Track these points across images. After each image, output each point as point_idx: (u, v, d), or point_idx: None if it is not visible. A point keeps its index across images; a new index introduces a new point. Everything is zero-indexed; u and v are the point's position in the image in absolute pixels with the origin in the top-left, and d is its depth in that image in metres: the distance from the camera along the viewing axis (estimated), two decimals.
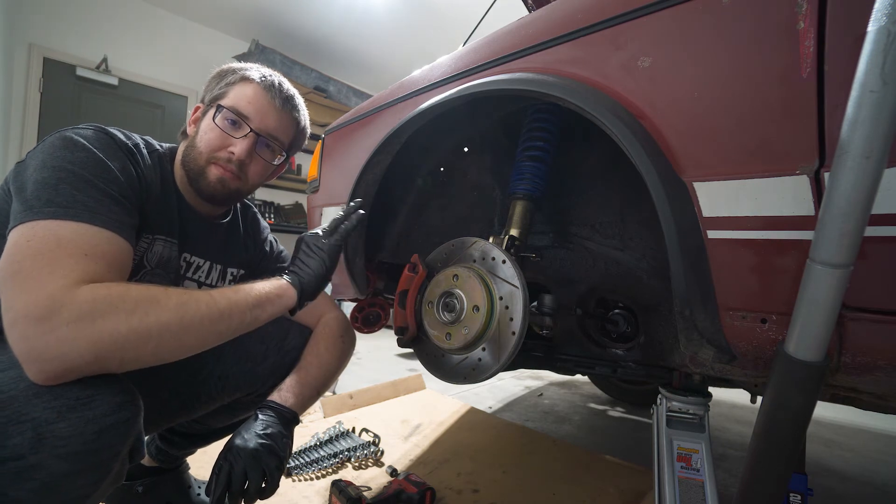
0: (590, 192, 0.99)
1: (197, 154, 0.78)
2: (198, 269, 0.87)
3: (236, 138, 0.78)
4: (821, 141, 0.46)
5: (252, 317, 0.66)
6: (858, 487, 1.42)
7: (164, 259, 0.79)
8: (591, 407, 2.13)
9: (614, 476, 1.28)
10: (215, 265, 0.90)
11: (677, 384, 0.82)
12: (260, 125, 0.79)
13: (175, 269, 0.82)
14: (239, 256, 0.95)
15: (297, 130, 0.88)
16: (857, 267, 0.41)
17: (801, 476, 0.75)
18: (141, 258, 0.76)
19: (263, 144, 0.82)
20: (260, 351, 0.88)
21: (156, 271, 0.78)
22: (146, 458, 0.99)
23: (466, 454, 1.39)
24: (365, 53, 4.51)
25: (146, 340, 0.53)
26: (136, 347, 0.53)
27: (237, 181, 0.81)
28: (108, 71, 3.49)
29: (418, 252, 0.90)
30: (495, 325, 0.74)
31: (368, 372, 2.60)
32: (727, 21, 0.52)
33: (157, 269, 0.78)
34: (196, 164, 0.79)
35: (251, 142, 0.79)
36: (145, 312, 0.53)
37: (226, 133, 0.78)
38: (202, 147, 0.78)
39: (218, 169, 0.78)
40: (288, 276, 0.76)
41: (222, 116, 0.78)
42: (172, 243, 0.80)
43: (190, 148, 0.80)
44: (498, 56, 0.79)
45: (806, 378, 0.45)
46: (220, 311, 0.61)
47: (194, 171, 0.79)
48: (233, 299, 0.64)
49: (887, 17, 0.37)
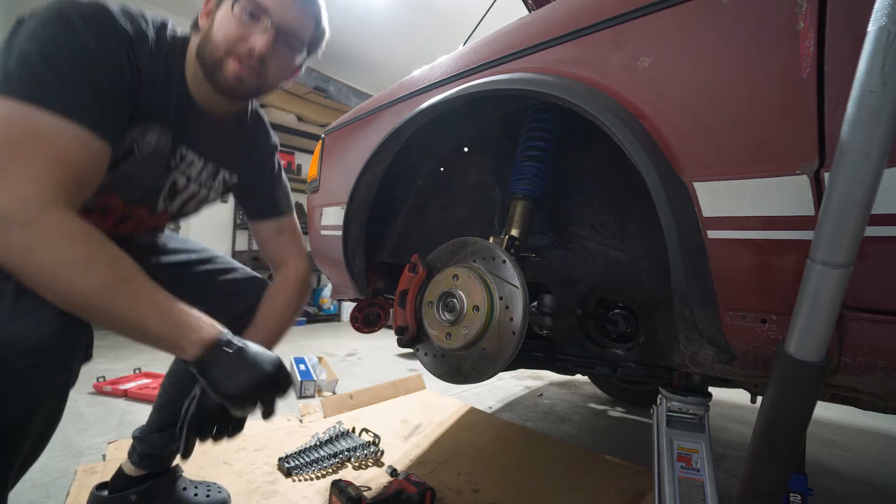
0: (590, 192, 0.99)
1: (214, 47, 0.74)
2: (190, 164, 0.86)
3: (256, 32, 0.74)
4: (821, 141, 0.46)
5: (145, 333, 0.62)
6: (858, 487, 1.42)
7: (157, 150, 0.77)
8: (591, 407, 2.13)
9: (614, 476, 1.28)
10: (209, 163, 0.89)
11: (677, 384, 0.82)
12: (281, 19, 0.75)
13: (165, 160, 0.80)
14: (236, 160, 0.94)
15: (316, 29, 0.84)
16: (857, 267, 0.41)
17: (801, 476, 0.75)
18: (133, 145, 0.74)
19: (284, 42, 0.77)
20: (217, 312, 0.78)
21: (148, 160, 0.77)
22: (132, 469, 0.97)
23: (466, 454, 1.39)
24: (365, 53, 4.51)
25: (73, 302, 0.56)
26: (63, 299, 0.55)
27: (256, 78, 0.77)
28: None
29: (418, 252, 0.90)
30: (495, 325, 0.74)
31: (368, 372, 2.60)
32: (727, 21, 0.52)
33: (150, 158, 0.77)
34: (213, 57, 0.74)
35: (272, 36, 0.74)
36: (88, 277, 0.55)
37: (245, 26, 0.74)
38: (219, 39, 0.73)
39: (236, 64, 0.74)
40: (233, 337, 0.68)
41: (240, 7, 0.73)
42: (165, 133, 0.77)
43: (205, 40, 0.75)
44: (498, 56, 0.79)
45: (806, 378, 0.45)
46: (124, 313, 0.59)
47: (211, 64, 0.75)
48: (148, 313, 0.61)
49: (887, 17, 0.37)
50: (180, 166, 0.84)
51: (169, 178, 0.84)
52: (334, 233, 1.14)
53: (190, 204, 0.93)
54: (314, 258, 1.33)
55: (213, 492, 1.04)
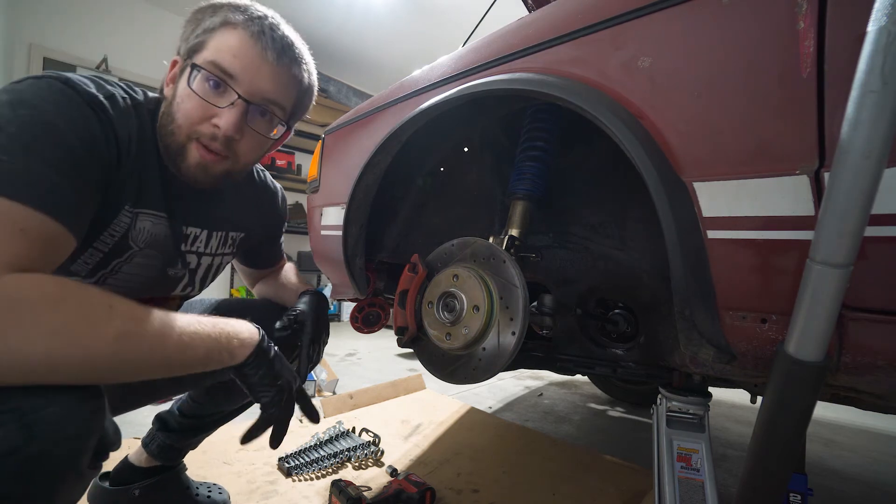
0: (590, 191, 0.99)
1: (176, 128, 0.63)
2: (195, 239, 0.78)
3: (221, 107, 0.62)
4: (821, 141, 0.46)
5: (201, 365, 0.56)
6: (858, 487, 1.42)
7: (155, 237, 0.68)
8: (591, 407, 2.13)
9: (614, 476, 1.28)
10: (215, 232, 0.82)
11: (677, 384, 0.82)
12: (251, 87, 0.62)
13: (170, 248, 0.73)
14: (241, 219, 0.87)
15: (300, 90, 0.70)
16: (857, 267, 0.41)
17: (801, 476, 0.75)
18: (124, 236, 0.64)
19: (257, 112, 0.65)
20: None
21: (146, 251, 0.68)
22: (145, 459, 0.97)
23: (466, 454, 1.39)
24: (365, 53, 4.51)
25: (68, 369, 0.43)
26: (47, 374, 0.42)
27: (224, 162, 0.66)
28: (108, 71, 3.48)
29: (418, 252, 0.90)
30: (495, 325, 0.74)
31: (368, 372, 2.60)
32: (727, 21, 0.52)
33: (148, 250, 0.69)
34: (174, 141, 0.63)
35: (240, 111, 0.62)
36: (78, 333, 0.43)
37: (207, 101, 0.61)
38: (180, 119, 0.62)
39: (200, 149, 0.63)
40: None
41: (201, 78, 0.61)
42: (161, 218, 0.68)
43: (167, 117, 0.64)
44: (498, 56, 0.79)
45: (806, 378, 0.45)
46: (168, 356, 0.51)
47: (173, 150, 0.64)
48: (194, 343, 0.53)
49: (887, 17, 0.37)
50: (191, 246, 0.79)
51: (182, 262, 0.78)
52: (334, 233, 1.14)
53: (209, 276, 0.88)
54: (314, 258, 1.33)
55: (213, 493, 1.04)
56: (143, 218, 0.66)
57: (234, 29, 0.62)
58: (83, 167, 0.53)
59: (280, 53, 0.64)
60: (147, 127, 0.65)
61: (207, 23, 0.63)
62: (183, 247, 0.77)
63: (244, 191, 0.89)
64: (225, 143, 0.64)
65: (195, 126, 0.63)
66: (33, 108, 0.50)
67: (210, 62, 0.61)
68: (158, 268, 0.73)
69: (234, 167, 0.68)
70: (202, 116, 0.62)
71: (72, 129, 0.52)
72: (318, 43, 4.26)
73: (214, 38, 0.62)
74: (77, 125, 0.53)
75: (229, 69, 0.61)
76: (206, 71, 0.61)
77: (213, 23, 0.63)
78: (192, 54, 0.63)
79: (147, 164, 0.65)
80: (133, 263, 0.69)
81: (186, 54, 0.64)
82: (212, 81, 0.61)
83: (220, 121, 0.62)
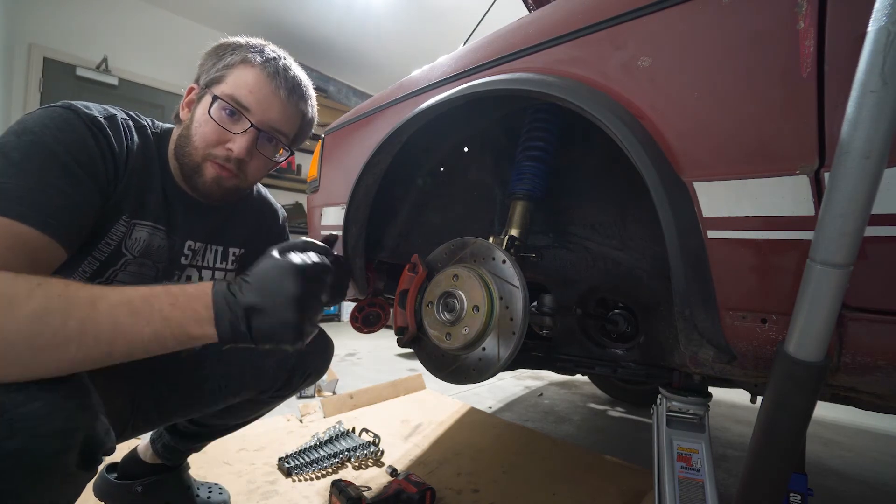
0: (590, 191, 0.99)
1: (192, 149, 0.71)
2: (195, 254, 0.83)
3: (235, 133, 0.71)
4: (821, 141, 0.46)
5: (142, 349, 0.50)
6: (858, 487, 1.42)
7: (149, 246, 0.73)
8: (591, 407, 2.13)
9: (614, 476, 1.28)
10: (214, 247, 0.86)
11: (677, 384, 0.82)
12: (262, 118, 0.72)
13: (166, 259, 0.77)
14: (240, 236, 0.91)
15: (303, 122, 0.82)
16: (857, 267, 0.41)
17: (801, 476, 0.75)
18: (118, 245, 0.69)
19: (265, 139, 0.75)
20: None
21: (139, 260, 0.73)
22: (150, 455, 0.97)
23: (466, 454, 1.39)
24: (365, 53, 4.51)
25: None
26: None
27: (234, 179, 0.75)
28: (108, 71, 3.49)
29: (418, 252, 0.90)
30: (495, 325, 0.74)
31: (368, 372, 2.60)
32: (727, 21, 0.52)
33: (142, 259, 0.73)
34: (191, 160, 0.72)
35: (251, 138, 0.72)
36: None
37: (223, 128, 0.71)
38: (197, 141, 0.71)
39: (215, 167, 0.72)
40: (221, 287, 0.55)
41: (219, 107, 0.70)
42: (158, 229, 0.74)
43: (184, 139, 0.72)
44: (498, 56, 0.79)
45: (806, 378, 0.45)
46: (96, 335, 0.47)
47: (189, 168, 0.72)
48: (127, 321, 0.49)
49: (887, 17, 0.36)
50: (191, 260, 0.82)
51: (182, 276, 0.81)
52: (334, 233, 1.14)
53: None
54: None
55: (213, 493, 1.04)
56: (140, 228, 0.72)
57: (251, 67, 0.72)
58: (78, 183, 0.59)
59: (290, 91, 0.75)
60: (151, 147, 0.74)
61: (228, 59, 0.72)
62: (183, 260, 0.81)
63: (245, 210, 0.93)
64: (237, 164, 0.73)
65: (210, 148, 0.72)
66: (34, 135, 0.57)
67: (229, 95, 0.70)
68: (152, 277, 0.77)
69: (242, 184, 0.78)
70: (217, 140, 0.71)
71: (67, 150, 0.58)
72: (318, 43, 4.27)
73: (233, 74, 0.72)
74: (75, 146, 0.59)
75: (244, 102, 0.71)
76: (225, 102, 0.70)
77: (232, 60, 0.72)
78: (211, 85, 0.72)
79: (150, 179, 0.72)
80: (127, 272, 0.73)
81: (206, 84, 0.73)
82: (228, 111, 0.71)
83: (234, 145, 0.71)
